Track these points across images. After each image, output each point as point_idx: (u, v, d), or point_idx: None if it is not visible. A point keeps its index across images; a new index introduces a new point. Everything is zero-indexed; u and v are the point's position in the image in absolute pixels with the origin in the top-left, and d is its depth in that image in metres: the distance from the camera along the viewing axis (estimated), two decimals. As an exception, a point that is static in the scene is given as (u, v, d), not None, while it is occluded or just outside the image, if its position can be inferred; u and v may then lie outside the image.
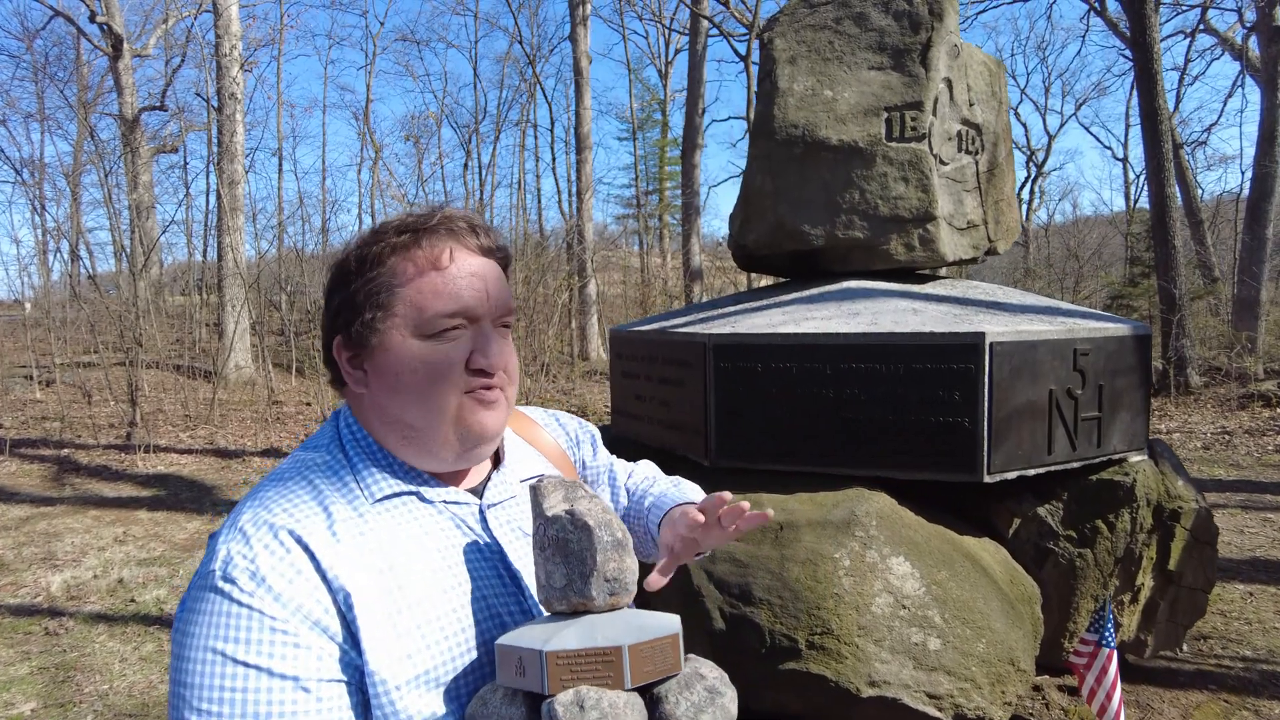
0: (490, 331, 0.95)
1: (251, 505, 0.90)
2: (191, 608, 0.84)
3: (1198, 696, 3.34)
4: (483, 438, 0.96)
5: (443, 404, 0.93)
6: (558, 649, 0.77)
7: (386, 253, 0.94)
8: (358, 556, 0.87)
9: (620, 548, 0.88)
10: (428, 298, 0.92)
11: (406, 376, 0.93)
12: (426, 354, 0.92)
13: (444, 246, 0.94)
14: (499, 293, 0.96)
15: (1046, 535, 3.16)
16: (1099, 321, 3.23)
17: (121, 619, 4.37)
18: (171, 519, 6.34)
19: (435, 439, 0.95)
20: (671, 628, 0.83)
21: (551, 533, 0.88)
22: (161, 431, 9.64)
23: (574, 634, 0.80)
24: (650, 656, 0.79)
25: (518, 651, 0.80)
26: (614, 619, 0.85)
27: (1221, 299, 14.88)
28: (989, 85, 3.78)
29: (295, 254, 19.66)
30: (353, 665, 0.84)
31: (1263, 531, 5.60)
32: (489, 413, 0.96)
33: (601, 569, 0.85)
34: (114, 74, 18.54)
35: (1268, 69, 13.69)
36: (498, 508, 1.02)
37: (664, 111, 29.75)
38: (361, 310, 0.94)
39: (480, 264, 0.96)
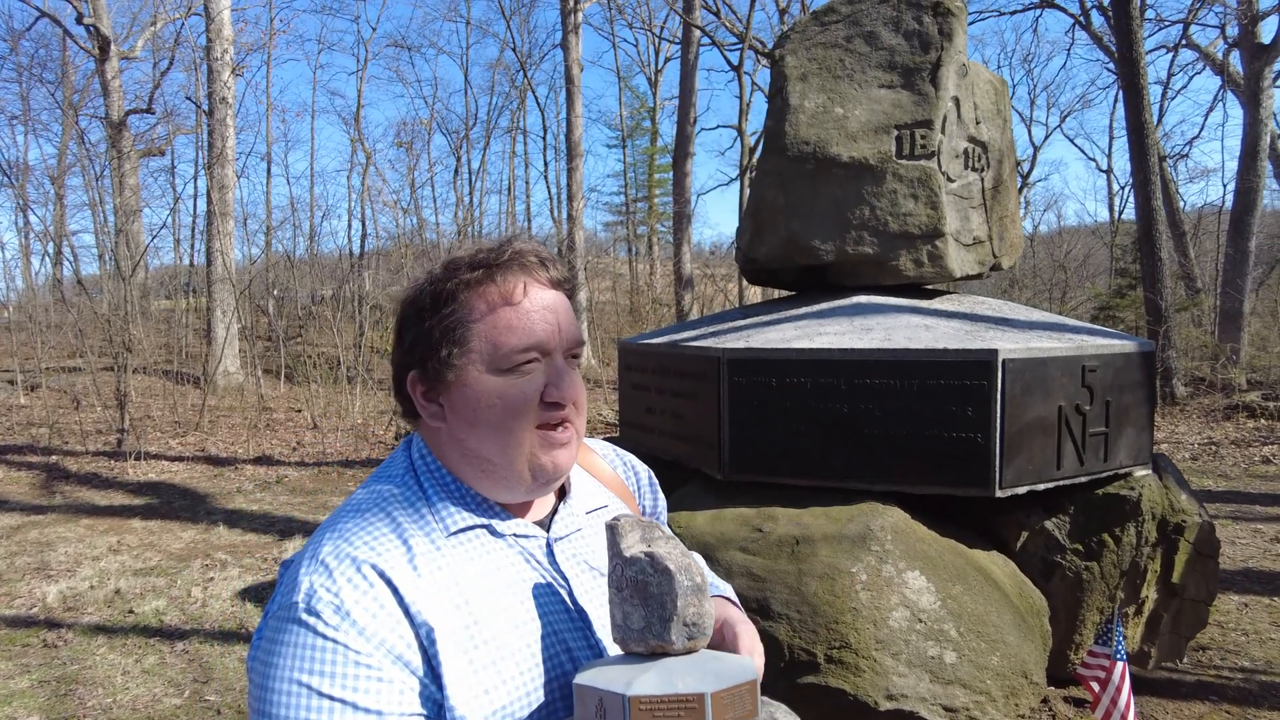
0: (563, 365, 0.96)
1: (331, 537, 0.90)
2: (274, 639, 0.85)
3: (1200, 708, 3.39)
4: (555, 474, 0.98)
5: (520, 438, 0.94)
6: (640, 694, 0.77)
7: (460, 289, 0.95)
8: (437, 591, 0.88)
9: (699, 592, 0.87)
10: (503, 333, 0.93)
11: (484, 411, 0.94)
12: (503, 389, 0.93)
13: (517, 281, 0.95)
14: (569, 325, 0.97)
15: (1054, 549, 3.21)
16: (1105, 338, 3.29)
17: (121, 630, 4.33)
18: (166, 528, 6.28)
19: (511, 472, 0.96)
20: (750, 673, 0.83)
21: (630, 574, 0.87)
22: (151, 438, 9.54)
23: (654, 679, 0.80)
24: (730, 704, 0.80)
25: (598, 693, 0.79)
26: (692, 663, 0.84)
27: (1205, 310, 15.12)
28: (994, 103, 3.84)
29: (285, 259, 19.57)
30: (433, 700, 0.85)
31: (1254, 542, 5.69)
32: (562, 450, 0.97)
33: (682, 614, 0.85)
34: (100, 76, 18.38)
35: (1250, 85, 13.96)
36: (564, 541, 1.03)
37: (654, 120, 29.87)
38: (438, 347, 0.95)
39: (552, 297, 0.97)
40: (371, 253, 20.80)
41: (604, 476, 1.22)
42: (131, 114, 19.61)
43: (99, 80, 18.19)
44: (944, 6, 3.49)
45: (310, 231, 25.32)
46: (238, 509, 6.86)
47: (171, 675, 3.81)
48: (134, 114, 19.90)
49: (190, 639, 4.19)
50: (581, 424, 1.01)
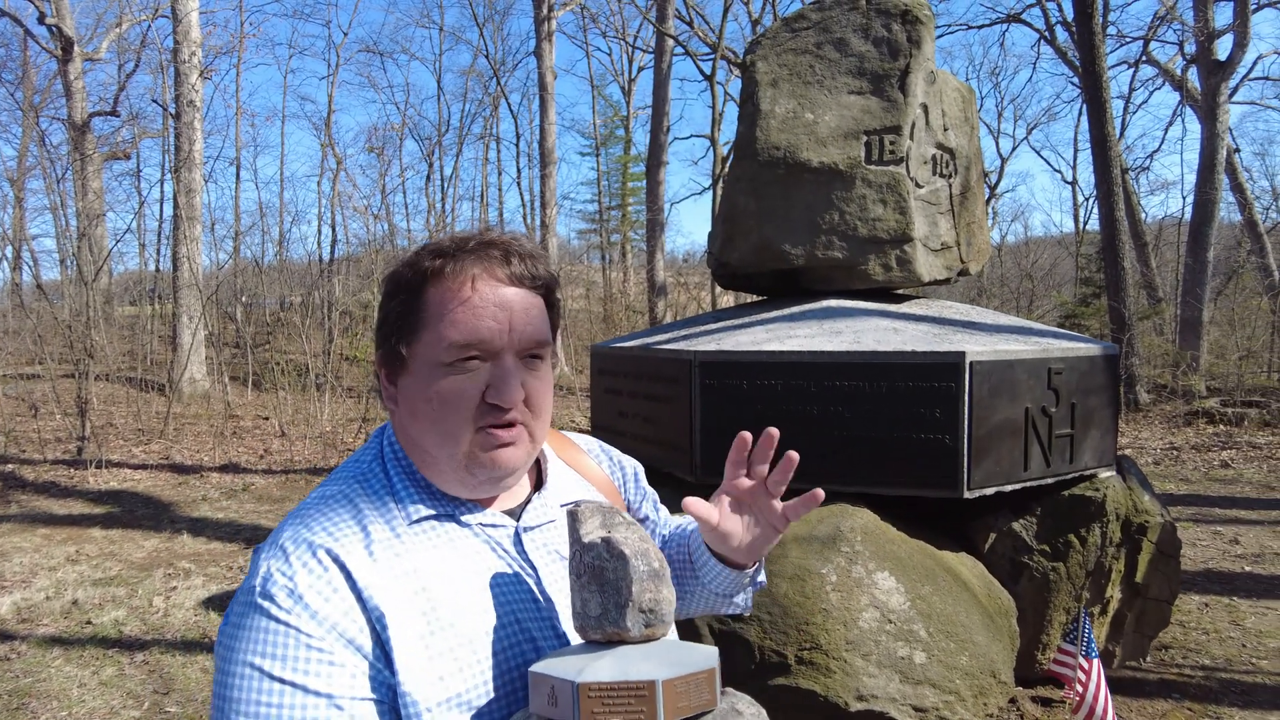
0: (510, 366, 0.92)
1: (293, 523, 0.91)
2: (234, 623, 0.85)
3: (1163, 705, 3.44)
4: (495, 474, 0.94)
5: (456, 435, 0.92)
6: (590, 681, 0.76)
7: (419, 276, 0.94)
8: (393, 577, 0.87)
9: (656, 578, 0.86)
10: (447, 327, 0.91)
11: (422, 404, 0.93)
12: (442, 384, 0.91)
13: (468, 275, 0.92)
14: (525, 325, 0.93)
15: (1021, 549, 3.25)
16: (1070, 341, 3.34)
17: (78, 642, 4.21)
18: (128, 537, 6.13)
19: (449, 468, 0.95)
20: (708, 662, 0.81)
21: (588, 560, 0.87)
22: (113, 446, 9.33)
23: (608, 666, 0.79)
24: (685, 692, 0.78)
25: (551, 680, 0.79)
26: (649, 650, 0.83)
27: (1166, 319, 15.47)
28: (962, 111, 3.90)
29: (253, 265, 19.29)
30: (386, 685, 0.84)
31: (1214, 544, 5.81)
32: (504, 450, 0.93)
33: (637, 599, 0.84)
34: (63, 77, 18.03)
35: (1207, 101, 14.34)
36: (535, 531, 1.02)
37: (627, 128, 29.94)
38: (394, 332, 0.95)
39: (508, 294, 0.93)
40: (341, 259, 20.59)
41: (592, 476, 1.20)
42: (95, 116, 19.26)
43: (61, 81, 17.85)
44: (913, 14, 3.54)
45: (279, 237, 25.01)
46: (203, 517, 6.72)
47: (130, 687, 3.71)
48: (98, 116, 19.54)
49: (151, 649, 4.09)
50: (538, 425, 0.97)
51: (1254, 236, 16.44)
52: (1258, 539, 5.88)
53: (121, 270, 24.32)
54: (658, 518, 1.33)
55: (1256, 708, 3.42)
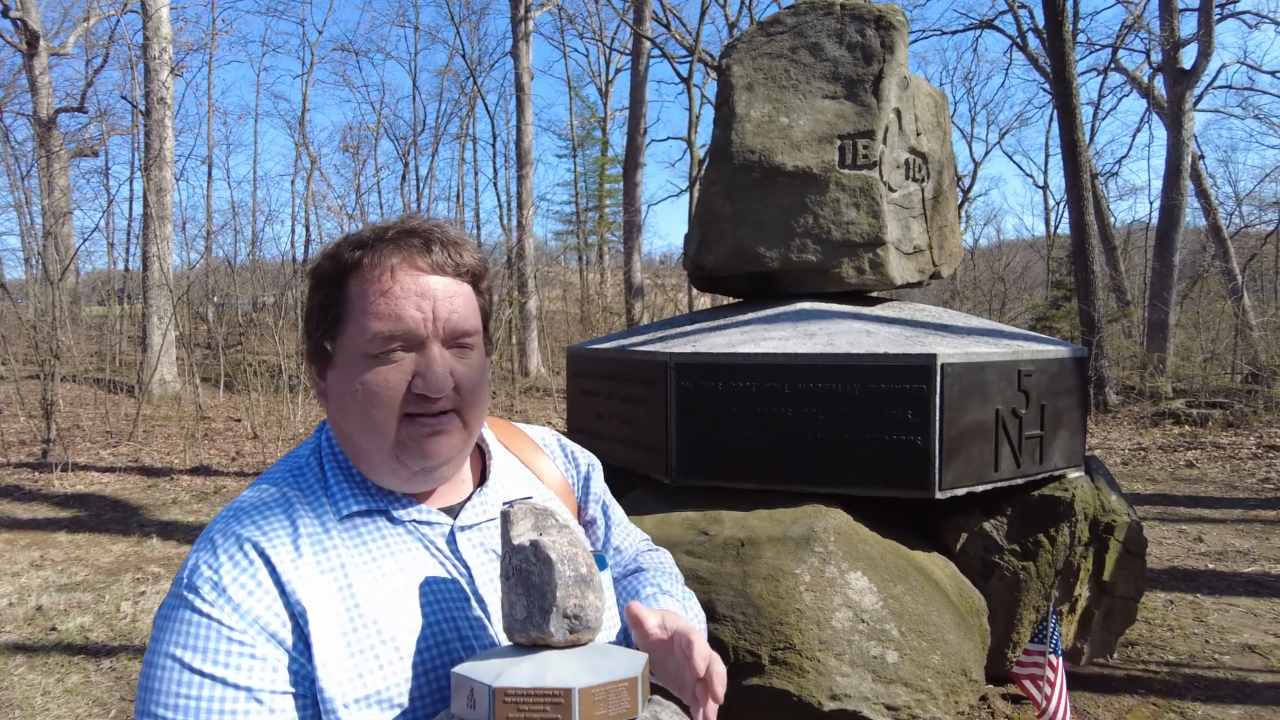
0: (436, 354, 0.91)
1: (224, 517, 0.92)
2: (163, 614, 0.86)
3: (1129, 701, 3.51)
4: (426, 462, 0.93)
5: (383, 426, 0.91)
6: (506, 685, 0.76)
7: (340, 269, 0.93)
8: (319, 573, 0.87)
9: (583, 583, 0.85)
10: (369, 319, 0.90)
11: (349, 397, 0.92)
12: (368, 376, 0.91)
13: (387, 265, 0.91)
14: (449, 313, 0.92)
15: (992, 549, 3.29)
16: (1040, 344, 3.40)
17: (43, 649, 4.13)
18: (94, 541, 6.02)
19: (380, 460, 0.94)
20: (631, 670, 0.80)
21: (515, 562, 0.86)
22: (80, 449, 9.15)
23: (527, 670, 0.79)
24: (604, 700, 0.77)
25: (470, 683, 0.79)
26: (572, 656, 0.83)
27: (1134, 322, 15.75)
28: (934, 116, 3.95)
29: (226, 265, 19.03)
30: (308, 679, 0.85)
31: (1179, 542, 5.93)
32: (434, 439, 0.92)
33: (561, 604, 0.83)
34: (28, 72, 17.66)
35: (1173, 108, 14.64)
36: (472, 530, 1.00)
37: (604, 130, 29.93)
38: (318, 326, 0.95)
39: (429, 283, 0.92)
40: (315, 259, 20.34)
41: (543, 473, 1.18)
42: (62, 112, 18.90)
43: (26, 76, 17.47)
44: (886, 20, 3.58)
45: (252, 237, 24.71)
46: (173, 521, 6.62)
47: (97, 694, 3.65)
48: (64, 112, 19.18)
49: (118, 656, 4.02)
50: (471, 413, 0.97)
51: (1218, 241, 16.80)
52: (1220, 537, 6.02)
53: (89, 269, 23.88)
54: (606, 521, 1.25)
55: (1219, 702, 3.49)
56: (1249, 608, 4.61)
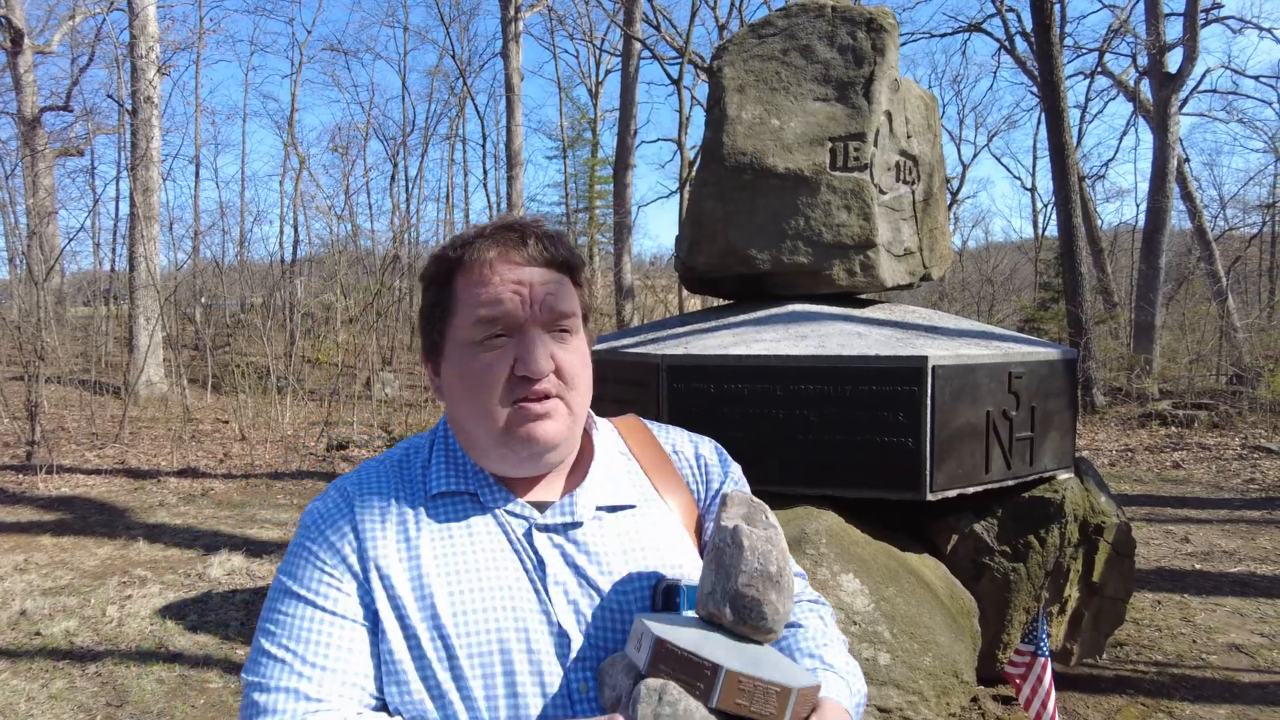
0: (535, 337, 0.96)
1: (342, 478, 1.06)
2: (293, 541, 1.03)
3: (1118, 701, 3.53)
4: (533, 447, 0.97)
5: (490, 411, 0.97)
6: (669, 640, 0.80)
7: (446, 268, 1.01)
8: (396, 538, 0.97)
9: (769, 580, 0.87)
10: (471, 308, 0.97)
11: (458, 384, 1.00)
12: (473, 363, 0.97)
13: (486, 258, 0.97)
14: (545, 298, 0.97)
15: (983, 551, 3.30)
16: (1030, 346, 3.41)
17: (26, 654, 4.08)
18: (80, 544, 5.96)
19: (490, 445, 1.00)
20: (790, 680, 0.81)
21: (716, 541, 0.91)
22: (65, 451, 9.06)
23: (692, 636, 0.83)
24: (749, 692, 0.79)
25: (643, 627, 0.84)
26: (741, 645, 0.86)
27: (1121, 324, 15.87)
28: (925, 118, 3.96)
29: (213, 265, 18.89)
30: (372, 611, 0.95)
31: (1166, 543, 5.97)
32: (541, 423, 0.96)
33: (741, 591, 0.86)
34: (12, 70, 17.47)
35: (1158, 112, 14.76)
36: (552, 531, 1.01)
37: (594, 131, 29.91)
38: (430, 323, 1.03)
39: (526, 272, 0.97)
40: (304, 260, 20.27)
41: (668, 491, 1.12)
42: (47, 111, 18.72)
43: (10, 74, 17.30)
44: (877, 23, 3.59)
45: (240, 237, 24.54)
46: (160, 523, 6.56)
47: (82, 700, 3.61)
48: (49, 111, 19.00)
49: (104, 661, 3.98)
50: (574, 396, 1.00)
51: (1203, 244, 16.96)
52: (1207, 538, 6.06)
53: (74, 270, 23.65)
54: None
55: (1206, 701, 3.52)
56: (1235, 607, 4.64)
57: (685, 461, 1.16)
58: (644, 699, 0.78)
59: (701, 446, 1.19)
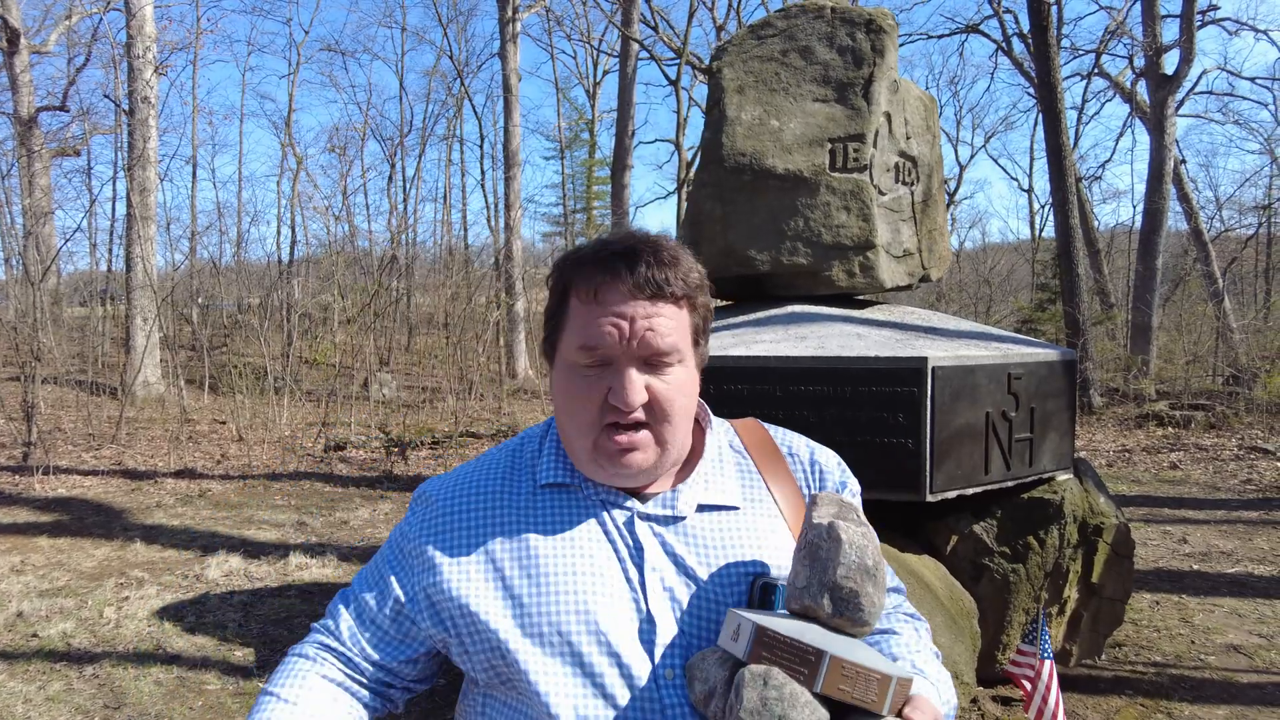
0: (627, 371, 0.96)
1: (456, 470, 1.13)
2: None
3: (1117, 702, 3.53)
4: (620, 472, 0.99)
5: (585, 430, 0.99)
6: (769, 627, 0.82)
7: (562, 282, 1.02)
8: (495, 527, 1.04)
9: (866, 574, 0.89)
10: (576, 332, 0.98)
11: (560, 397, 1.03)
12: (573, 384, 1.00)
13: (594, 285, 0.97)
14: (644, 331, 0.95)
15: (982, 552, 3.30)
16: (1029, 347, 3.41)
17: (23, 656, 4.06)
18: (76, 545, 5.94)
19: (582, 456, 1.02)
20: (888, 670, 0.82)
21: (810, 537, 0.92)
22: (62, 452, 9.04)
23: (790, 625, 0.84)
24: (851, 678, 0.80)
25: (738, 618, 0.86)
26: (838, 636, 0.87)
27: (1118, 325, 15.90)
28: (924, 119, 3.96)
29: (210, 266, 18.85)
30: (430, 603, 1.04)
31: (1163, 543, 5.99)
32: (627, 454, 0.98)
33: (839, 583, 0.88)
34: (9, 70, 17.44)
35: (1155, 113, 14.79)
36: (653, 521, 1.03)
37: (592, 132, 29.93)
38: (549, 325, 1.06)
39: (629, 307, 0.96)
40: (301, 260, 20.24)
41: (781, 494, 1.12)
42: (43, 111, 18.68)
43: (6, 74, 17.25)
44: (877, 24, 3.59)
45: (237, 237, 24.52)
46: (157, 524, 6.55)
47: (79, 702, 3.59)
48: (46, 111, 18.96)
49: (101, 662, 3.96)
50: (668, 429, 0.99)
51: (1199, 245, 16.99)
52: (1204, 538, 6.08)
53: (71, 270, 23.61)
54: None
55: (1205, 702, 3.53)
56: (1233, 608, 4.65)
57: (799, 464, 1.16)
58: (749, 683, 0.79)
59: (819, 453, 1.19)
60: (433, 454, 9.53)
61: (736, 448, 1.15)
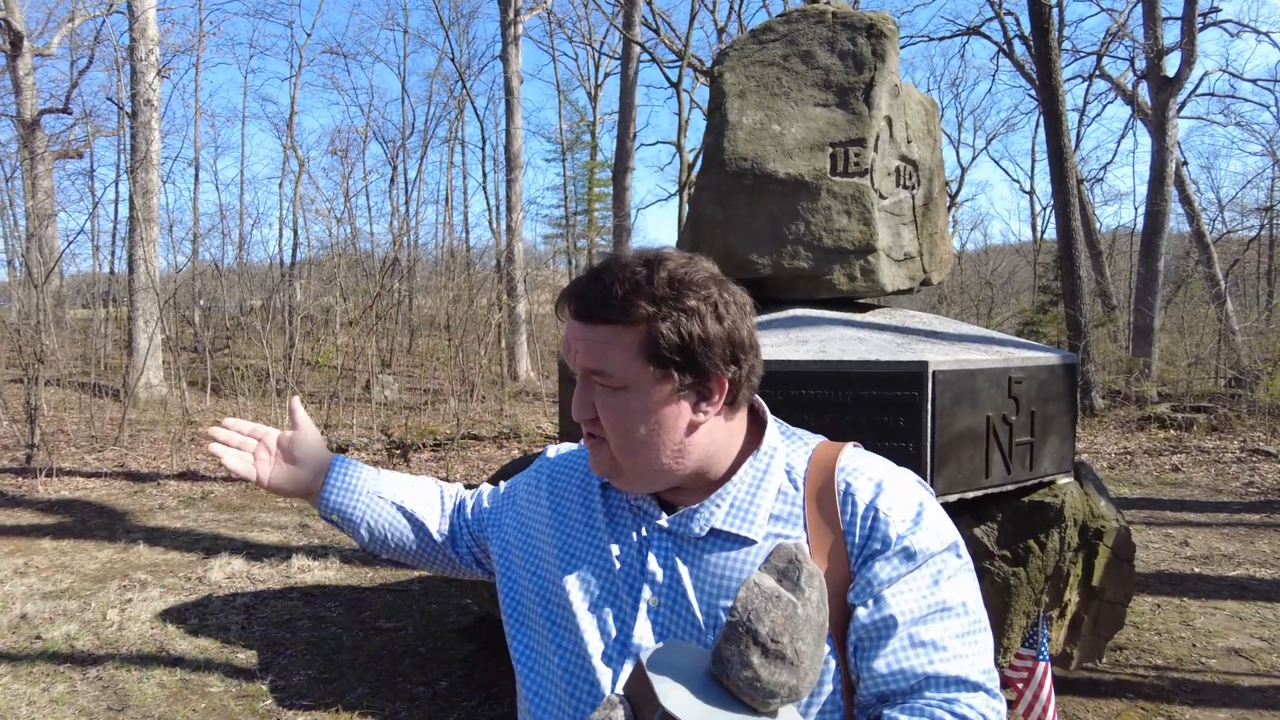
0: (583, 386, 1.04)
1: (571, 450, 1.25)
2: None
3: (1118, 705, 3.54)
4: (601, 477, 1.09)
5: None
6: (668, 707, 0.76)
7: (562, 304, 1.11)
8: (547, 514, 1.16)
9: (775, 661, 0.78)
10: None
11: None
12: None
13: (563, 310, 1.06)
14: (585, 353, 1.01)
15: (983, 555, 3.31)
16: (1031, 351, 3.42)
17: (27, 658, 4.08)
18: (80, 547, 5.96)
19: None
20: None
21: (740, 594, 0.81)
22: (64, 454, 9.06)
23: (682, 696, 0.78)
24: None
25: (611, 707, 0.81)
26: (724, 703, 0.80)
27: (1120, 327, 15.89)
28: (925, 123, 3.97)
29: (213, 268, 18.88)
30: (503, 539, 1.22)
31: (1165, 546, 5.98)
32: (592, 455, 1.07)
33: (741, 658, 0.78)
34: (12, 73, 17.49)
35: (1156, 115, 14.79)
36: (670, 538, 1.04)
37: (593, 134, 29.94)
38: None
39: (576, 327, 1.03)
40: (303, 262, 20.27)
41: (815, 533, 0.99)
42: (46, 113, 18.73)
43: (10, 77, 17.31)
44: (878, 28, 3.60)
45: (239, 240, 24.56)
46: (160, 526, 6.56)
47: (82, 704, 3.61)
48: (49, 114, 19.01)
49: (104, 664, 3.98)
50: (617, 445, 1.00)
51: (1201, 247, 16.99)
52: (1206, 541, 6.08)
53: (73, 272, 23.64)
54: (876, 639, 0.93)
55: (1206, 705, 3.53)
56: (1235, 611, 4.66)
57: (853, 506, 0.97)
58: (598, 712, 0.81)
59: (886, 497, 0.97)
60: (434, 456, 9.54)
61: (793, 476, 1.03)
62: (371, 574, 5.39)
